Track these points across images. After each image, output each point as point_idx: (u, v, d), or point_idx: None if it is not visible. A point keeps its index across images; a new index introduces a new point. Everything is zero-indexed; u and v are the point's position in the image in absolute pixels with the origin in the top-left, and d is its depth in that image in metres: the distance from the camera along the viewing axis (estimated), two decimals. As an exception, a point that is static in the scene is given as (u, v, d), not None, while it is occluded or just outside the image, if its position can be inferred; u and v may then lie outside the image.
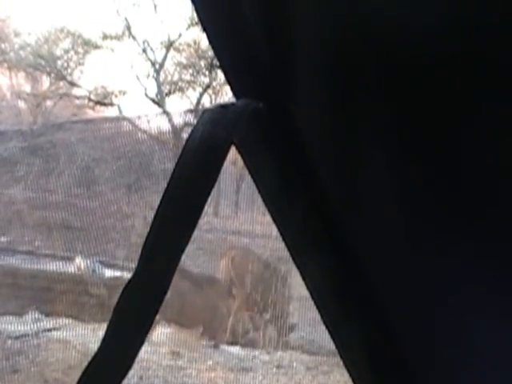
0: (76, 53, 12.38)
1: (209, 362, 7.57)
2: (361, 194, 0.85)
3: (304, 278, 0.93)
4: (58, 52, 12.33)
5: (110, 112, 11.96)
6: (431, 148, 0.78)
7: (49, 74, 12.18)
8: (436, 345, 0.89)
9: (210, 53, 11.99)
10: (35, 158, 6.37)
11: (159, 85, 12.05)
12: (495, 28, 0.69)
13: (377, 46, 0.75)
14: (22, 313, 7.34)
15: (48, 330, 7.02)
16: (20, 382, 6.47)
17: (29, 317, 7.34)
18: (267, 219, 8.79)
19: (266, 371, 7.38)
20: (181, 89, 12.40)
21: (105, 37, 11.94)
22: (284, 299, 8.25)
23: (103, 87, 12.34)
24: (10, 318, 7.19)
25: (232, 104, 0.82)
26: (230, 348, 7.89)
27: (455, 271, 0.83)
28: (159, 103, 11.68)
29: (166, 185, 0.78)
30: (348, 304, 0.92)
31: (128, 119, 7.96)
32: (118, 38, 11.95)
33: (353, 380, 0.96)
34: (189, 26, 11.99)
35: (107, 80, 12.88)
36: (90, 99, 12.01)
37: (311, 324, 8.14)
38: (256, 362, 7.72)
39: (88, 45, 12.21)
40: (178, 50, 12.40)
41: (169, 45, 12.09)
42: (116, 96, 12.31)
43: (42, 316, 7.28)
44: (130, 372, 0.80)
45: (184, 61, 12.55)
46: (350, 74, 0.77)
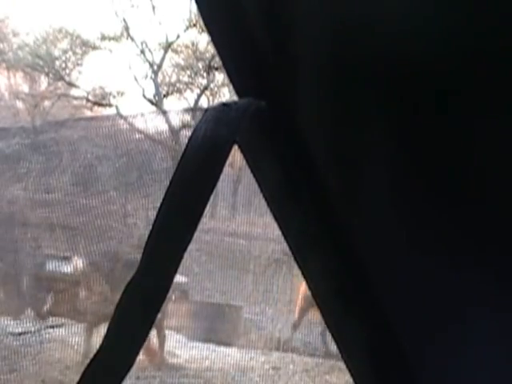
0: (74, 53, 12.37)
1: (206, 363, 7.56)
2: (362, 194, 0.85)
3: (305, 277, 0.93)
4: (57, 52, 12.31)
5: (108, 113, 11.96)
6: (431, 149, 0.78)
7: (47, 75, 12.18)
8: (435, 343, 0.90)
9: (208, 54, 11.99)
10: (38, 156, 6.36)
11: (157, 86, 12.06)
12: (494, 39, 0.71)
13: (377, 49, 0.75)
14: (19, 312, 7.30)
15: (45, 330, 6.98)
16: (17, 382, 6.46)
17: (26, 316, 7.29)
18: (264, 221, 8.78)
19: (263, 372, 7.36)
20: (179, 90, 12.42)
21: (103, 38, 11.95)
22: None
23: (101, 88, 12.34)
24: (7, 318, 7.17)
25: (234, 103, 0.82)
26: (227, 349, 7.85)
27: (455, 270, 0.84)
28: (157, 104, 11.70)
29: (169, 182, 0.78)
30: (349, 303, 0.93)
31: (128, 117, 7.97)
32: (117, 39, 11.96)
33: (353, 378, 0.97)
34: (187, 28, 12.00)
35: (105, 81, 12.92)
36: (88, 100, 12.01)
37: (307, 326, 8.16)
38: (253, 363, 7.69)
39: (86, 45, 12.21)
40: (176, 52, 12.41)
41: (167, 46, 12.10)
42: (114, 97, 12.32)
43: (37, 318, 7.22)
44: (127, 372, 0.80)
45: (182, 62, 12.56)
46: (351, 75, 0.78)
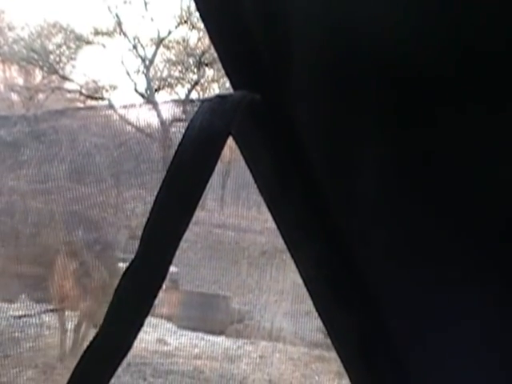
0: (68, 48, 12.31)
1: (195, 351, 7.64)
2: (353, 185, 0.85)
3: (298, 266, 0.95)
4: (51, 46, 12.25)
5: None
6: (423, 145, 0.78)
7: (41, 68, 12.11)
8: (425, 331, 0.90)
9: (199, 51, 12.04)
10: (38, 144, 6.34)
11: (149, 81, 12.04)
12: (494, 45, 0.70)
13: (373, 46, 0.75)
14: (14, 299, 7.29)
15: (39, 317, 7.02)
16: (11, 367, 6.43)
17: (20, 303, 7.28)
18: (252, 214, 8.84)
19: (250, 361, 7.44)
20: (170, 85, 12.39)
21: (96, 33, 11.91)
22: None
23: (94, 82, 12.31)
24: (1, 304, 7.16)
25: (230, 95, 0.83)
26: (216, 337, 7.96)
27: (447, 261, 0.84)
28: (149, 98, 11.72)
29: (166, 171, 0.79)
30: (340, 292, 0.93)
31: (127, 108, 7.98)
32: (110, 35, 11.92)
33: (344, 365, 0.98)
34: (178, 24, 12.02)
35: (98, 75, 12.93)
36: (82, 93, 11.97)
37: (293, 316, 8.25)
38: (240, 352, 7.78)
39: (80, 40, 12.16)
40: (168, 47, 12.38)
41: (158, 42, 12.08)
42: (107, 90, 12.31)
43: (34, 303, 7.22)
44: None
45: (173, 58, 12.52)
46: (346, 70, 0.78)
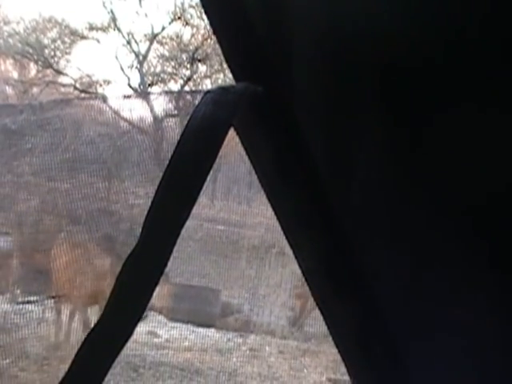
0: (63, 42, 12.29)
1: (185, 343, 7.67)
2: (352, 177, 0.85)
3: (297, 257, 0.94)
4: (46, 41, 12.26)
5: (95, 101, 11.93)
6: (421, 137, 0.79)
7: (36, 62, 12.10)
8: (421, 323, 0.91)
9: (192, 47, 12.08)
10: (43, 132, 6.32)
11: (142, 76, 12.05)
12: (490, 39, 0.71)
13: (371, 39, 0.76)
14: (4, 291, 7.33)
15: (30, 308, 6.96)
16: (2, 358, 6.45)
17: (11, 294, 7.32)
18: (242, 209, 8.85)
19: (240, 353, 7.48)
20: (163, 80, 12.38)
21: (91, 28, 11.90)
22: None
23: (88, 76, 12.32)
24: None
25: (232, 87, 0.83)
26: (206, 330, 7.97)
27: (442, 251, 0.84)
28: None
29: (168, 161, 0.79)
30: (339, 283, 0.94)
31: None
32: (104, 30, 11.91)
33: (341, 354, 0.98)
34: (172, 20, 12.04)
35: (92, 69, 12.93)
36: (76, 87, 11.98)
37: (283, 310, 8.29)
38: (230, 345, 7.81)
39: (75, 35, 12.14)
40: (161, 43, 12.39)
41: (152, 38, 12.10)
42: (100, 85, 12.33)
43: (24, 294, 7.25)
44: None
45: (166, 53, 12.52)
46: (346, 62, 0.79)
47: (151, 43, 12.18)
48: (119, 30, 11.93)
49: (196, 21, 12.04)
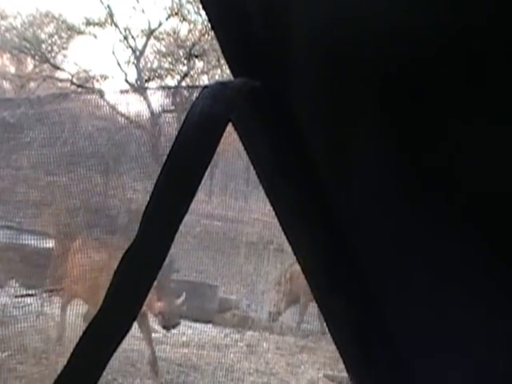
0: (60, 37, 12.36)
1: (183, 339, 7.68)
2: (350, 173, 0.85)
3: (295, 253, 0.94)
4: (43, 36, 12.32)
5: (92, 95, 11.96)
6: (420, 133, 0.78)
7: (33, 57, 12.15)
8: (420, 320, 0.90)
9: (189, 42, 12.11)
10: (41, 126, 6.33)
11: (139, 71, 12.11)
12: (490, 34, 0.70)
13: (372, 32, 0.75)
14: (3, 284, 7.33)
15: (28, 302, 6.96)
16: (0, 351, 6.49)
17: (9, 288, 7.32)
18: (239, 205, 8.87)
19: (237, 349, 7.50)
20: (160, 76, 12.45)
21: (88, 23, 11.96)
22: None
23: (85, 71, 12.39)
24: None
25: (230, 82, 0.82)
26: (203, 326, 8.00)
27: (441, 246, 0.84)
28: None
29: (167, 155, 0.78)
30: (337, 279, 0.93)
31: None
32: (101, 25, 11.97)
33: (339, 351, 0.98)
34: (169, 16, 12.09)
35: (89, 65, 12.99)
36: (73, 82, 12.02)
37: (280, 306, 8.28)
38: (227, 340, 7.83)
39: (72, 30, 12.20)
40: (158, 39, 12.46)
41: (149, 33, 12.15)
42: (97, 80, 12.39)
43: (22, 288, 7.22)
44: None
45: (163, 49, 12.60)
46: (345, 57, 0.78)
47: (148, 39, 12.23)
48: (116, 26, 11.99)
49: (193, 16, 12.09)
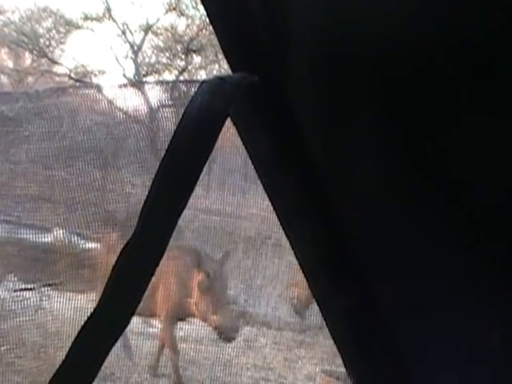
0: (58, 32, 12.30)
1: (180, 333, 7.60)
2: (349, 168, 0.86)
3: (294, 249, 0.95)
4: (41, 30, 12.26)
5: (91, 89, 11.96)
6: (418, 128, 0.79)
7: (31, 51, 12.13)
8: (418, 315, 0.91)
9: (186, 38, 12.09)
10: (40, 120, 6.31)
11: (137, 66, 12.07)
12: (489, 34, 0.71)
13: (369, 29, 0.76)
14: (1, 279, 7.22)
15: (25, 296, 6.77)
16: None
17: (7, 283, 7.19)
18: (237, 200, 8.87)
19: (234, 344, 7.40)
20: (157, 71, 12.42)
21: (86, 18, 11.90)
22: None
23: (83, 66, 12.34)
24: None
25: (229, 76, 0.83)
26: (201, 320, 8.01)
27: (441, 243, 0.84)
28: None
29: (165, 150, 0.79)
30: (335, 274, 0.94)
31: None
32: (99, 20, 11.92)
33: (337, 346, 0.99)
34: (167, 11, 12.05)
35: (87, 59, 12.95)
36: (71, 77, 12.01)
37: (278, 301, 8.30)
38: None
39: (69, 25, 12.15)
40: (156, 34, 12.41)
41: (147, 28, 12.11)
42: (95, 75, 12.34)
43: (20, 283, 7.10)
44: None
45: (161, 44, 12.57)
46: (343, 53, 0.79)
47: (146, 34, 12.19)
48: (114, 21, 11.96)
49: (191, 11, 12.07)
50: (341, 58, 0.79)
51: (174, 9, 11.99)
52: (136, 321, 7.27)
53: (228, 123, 0.82)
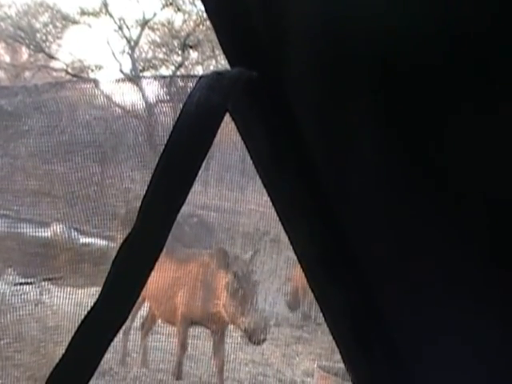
0: (54, 27, 12.39)
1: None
2: (347, 162, 0.85)
3: (292, 243, 0.94)
4: (38, 25, 12.33)
5: (89, 84, 11.97)
6: (417, 122, 0.78)
7: (28, 46, 12.20)
8: (415, 310, 0.90)
9: (183, 33, 12.12)
10: (39, 114, 6.31)
11: (134, 61, 12.14)
12: (487, 32, 0.71)
13: (368, 25, 0.76)
14: (0, 272, 7.22)
15: (26, 290, 6.89)
16: None
17: (5, 277, 7.22)
18: (235, 196, 8.87)
19: (231, 340, 7.40)
20: (154, 66, 12.50)
21: (83, 13, 11.98)
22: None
23: (80, 61, 12.45)
24: None
25: (227, 71, 0.82)
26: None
27: (441, 240, 0.84)
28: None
29: (164, 145, 0.78)
30: (333, 269, 0.93)
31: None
32: (96, 15, 12.00)
33: (335, 341, 0.98)
34: (163, 7, 12.10)
35: (84, 54, 12.99)
36: (68, 72, 12.07)
37: (275, 297, 8.30)
38: None
39: (66, 20, 12.23)
40: (153, 29, 12.50)
41: (144, 23, 12.18)
42: (92, 70, 12.45)
43: (20, 277, 7.16)
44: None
45: (158, 39, 12.65)
46: (342, 48, 0.79)
47: (143, 29, 12.25)
48: (111, 16, 12.01)
49: (188, 7, 12.09)
50: (340, 53, 0.79)
51: (171, 4, 12.02)
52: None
53: (226, 118, 0.82)
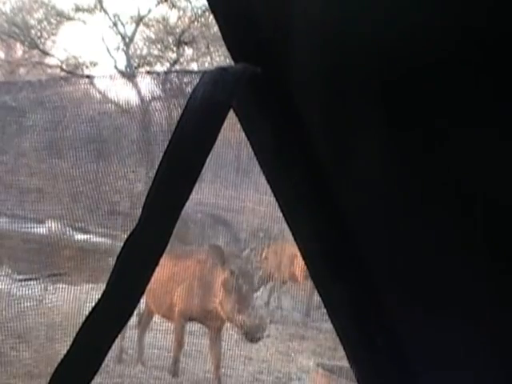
0: (49, 23, 12.38)
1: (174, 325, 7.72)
2: (351, 159, 0.85)
3: (296, 239, 0.94)
4: (32, 21, 12.35)
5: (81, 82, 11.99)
6: (419, 119, 0.78)
7: (22, 43, 12.20)
8: (419, 303, 0.90)
9: (178, 29, 12.12)
10: (43, 110, 6.31)
11: (128, 58, 12.14)
12: (489, 35, 0.71)
13: (375, 30, 0.76)
14: (1, 270, 7.24)
15: (28, 287, 6.89)
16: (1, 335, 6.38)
17: (2, 274, 7.24)
18: (230, 193, 8.89)
19: (228, 337, 7.35)
20: (149, 63, 12.49)
21: (77, 9, 11.97)
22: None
23: (75, 58, 12.43)
24: None
25: (231, 67, 0.82)
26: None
27: (442, 233, 0.83)
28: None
29: (168, 142, 0.78)
30: (337, 265, 0.93)
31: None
32: (90, 11, 11.98)
33: (338, 336, 0.98)
34: (158, 3, 12.09)
35: (79, 51, 12.97)
36: (62, 69, 12.07)
37: (272, 294, 8.30)
38: None
39: (61, 16, 12.22)
40: (147, 26, 12.48)
41: (138, 20, 12.17)
42: (87, 67, 12.40)
43: (21, 275, 7.15)
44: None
45: (153, 36, 12.66)
46: (346, 44, 0.78)
47: (137, 25, 12.24)
48: (105, 12, 12.01)
49: (183, 3, 12.08)
50: (343, 49, 0.79)
51: (166, 0, 12.00)
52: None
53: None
